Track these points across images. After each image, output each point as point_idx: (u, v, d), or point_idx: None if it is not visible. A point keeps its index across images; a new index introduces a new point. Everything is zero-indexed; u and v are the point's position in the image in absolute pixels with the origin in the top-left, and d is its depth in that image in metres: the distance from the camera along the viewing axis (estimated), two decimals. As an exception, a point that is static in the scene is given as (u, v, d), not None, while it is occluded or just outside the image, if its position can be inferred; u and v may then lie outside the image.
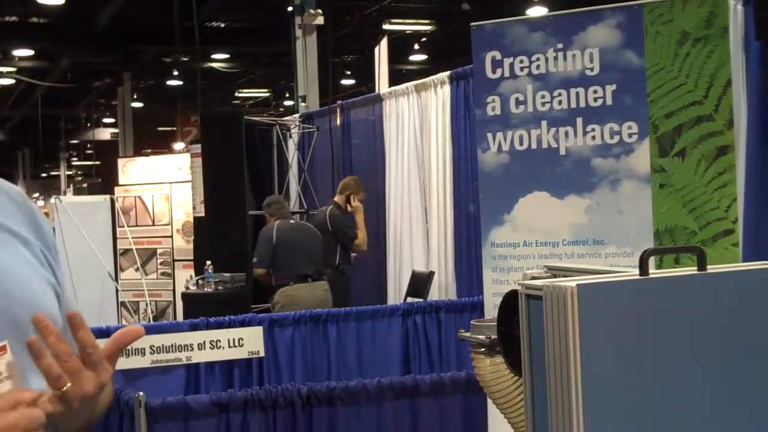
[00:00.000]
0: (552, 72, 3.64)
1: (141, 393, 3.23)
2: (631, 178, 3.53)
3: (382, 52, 9.09)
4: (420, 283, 6.93)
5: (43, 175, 35.14)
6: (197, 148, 8.75)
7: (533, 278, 1.70)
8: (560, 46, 3.62)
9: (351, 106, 8.70)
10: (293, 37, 10.49)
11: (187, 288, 8.09)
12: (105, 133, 24.88)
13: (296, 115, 9.67)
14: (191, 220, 9.39)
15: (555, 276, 1.69)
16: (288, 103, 21.15)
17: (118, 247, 10.09)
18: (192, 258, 9.13)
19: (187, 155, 9.62)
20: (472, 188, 6.45)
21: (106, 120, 24.49)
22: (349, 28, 14.99)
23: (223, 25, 15.65)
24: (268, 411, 3.36)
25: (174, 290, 9.93)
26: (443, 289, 6.87)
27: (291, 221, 7.61)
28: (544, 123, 3.65)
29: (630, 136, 3.53)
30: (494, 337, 1.79)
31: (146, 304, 10.07)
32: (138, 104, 21.59)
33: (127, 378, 4.74)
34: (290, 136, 9.25)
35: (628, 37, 3.52)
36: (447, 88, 6.91)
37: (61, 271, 1.37)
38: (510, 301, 1.62)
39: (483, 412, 3.54)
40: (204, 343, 5.03)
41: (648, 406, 1.27)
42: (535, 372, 1.34)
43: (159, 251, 10.25)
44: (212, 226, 8.17)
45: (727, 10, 3.64)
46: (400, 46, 15.14)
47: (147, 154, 12.19)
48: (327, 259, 7.29)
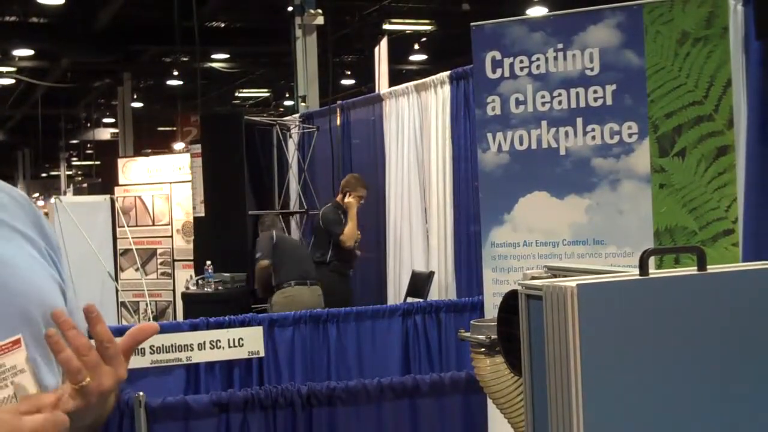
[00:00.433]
0: (552, 72, 3.64)
1: (141, 393, 3.22)
2: (631, 178, 3.53)
3: (382, 52, 9.09)
4: (420, 283, 6.93)
5: (43, 175, 35.14)
6: (197, 148, 8.76)
7: (533, 278, 1.70)
8: (560, 46, 3.62)
9: (351, 106, 8.70)
10: (293, 37, 10.49)
11: (187, 288, 8.09)
12: (105, 133, 24.88)
13: (296, 115, 9.67)
14: (191, 220, 9.40)
15: (555, 276, 1.69)
16: (288, 103, 21.15)
17: (118, 247, 10.09)
18: (192, 258, 9.13)
19: (187, 155, 9.62)
20: (472, 188, 6.45)
21: (106, 120, 24.49)
22: (349, 28, 14.99)
23: (223, 25, 15.65)
24: (268, 411, 3.36)
25: (174, 290, 9.93)
26: (443, 289, 6.87)
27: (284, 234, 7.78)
28: (544, 123, 3.65)
29: (630, 136, 3.53)
30: (494, 337, 1.79)
31: (146, 304, 10.07)
32: (138, 104, 21.59)
33: (127, 378, 4.73)
34: (290, 136, 9.25)
35: (628, 37, 3.52)
36: (447, 88, 6.91)
37: (66, 273, 1.37)
38: (510, 301, 1.62)
39: (483, 412, 3.54)
40: (204, 343, 5.02)
41: (648, 406, 1.27)
42: (535, 372, 1.34)
43: (159, 251, 10.25)
44: (212, 226, 8.17)
45: (727, 10, 3.64)
46: (400, 46, 15.14)
47: (147, 154, 12.19)
48: (319, 257, 7.38)
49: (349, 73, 18.83)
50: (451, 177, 6.89)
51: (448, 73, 6.93)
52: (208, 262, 7.76)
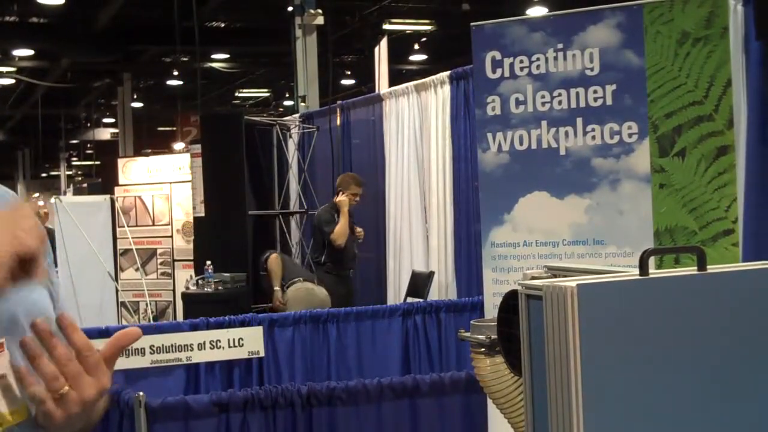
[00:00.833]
0: (552, 72, 3.64)
1: (141, 393, 3.22)
2: (631, 178, 3.53)
3: (382, 52, 9.09)
4: (420, 283, 6.93)
5: (43, 175, 35.12)
6: (197, 148, 8.75)
7: (533, 278, 1.70)
8: (560, 46, 3.62)
9: (351, 106, 8.69)
10: (293, 37, 10.49)
11: (187, 288, 8.09)
12: (105, 133, 24.88)
13: (296, 115, 9.67)
14: (191, 220, 9.39)
15: (555, 276, 1.69)
16: (288, 103, 21.15)
17: (118, 247, 10.08)
18: (192, 258, 9.13)
19: (187, 155, 9.62)
20: (472, 188, 6.45)
21: (106, 120, 24.49)
22: (349, 28, 14.99)
23: (223, 25, 15.64)
24: (268, 411, 3.36)
25: (174, 290, 9.92)
26: (443, 289, 6.87)
27: None
28: (544, 123, 3.65)
29: (630, 136, 3.53)
30: (494, 337, 1.79)
31: (146, 304, 10.06)
32: (138, 104, 21.59)
33: (127, 378, 4.74)
34: (290, 136, 9.24)
35: (628, 37, 3.52)
36: (447, 88, 6.91)
37: (57, 277, 1.35)
38: (510, 301, 1.62)
39: (483, 412, 3.54)
40: (204, 343, 5.02)
41: (648, 406, 1.27)
42: (535, 372, 1.34)
43: (159, 251, 10.25)
44: (212, 226, 8.17)
45: (727, 10, 3.64)
46: (400, 46, 15.14)
47: (147, 154, 12.19)
48: (316, 257, 7.47)
49: (349, 73, 18.83)
50: (451, 177, 6.89)
51: (448, 73, 6.93)
52: (208, 262, 7.76)
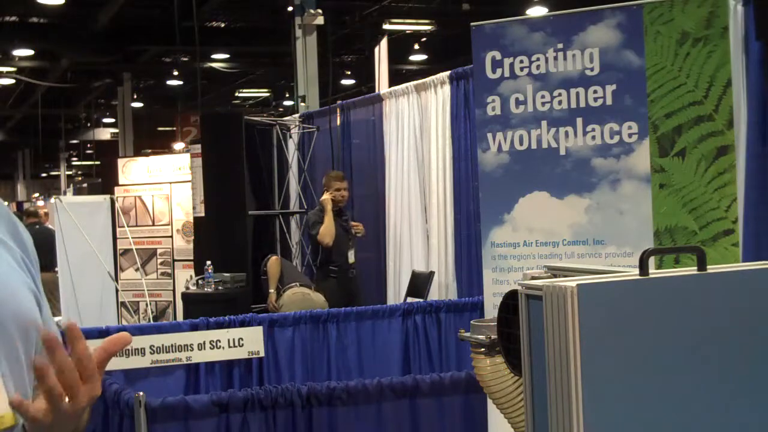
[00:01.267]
0: (552, 72, 3.64)
1: (141, 393, 3.22)
2: (631, 178, 3.53)
3: (382, 52, 9.09)
4: (420, 283, 6.93)
5: (43, 175, 35.13)
6: (197, 148, 8.75)
7: (533, 278, 1.70)
8: (560, 46, 3.62)
9: (351, 106, 8.69)
10: (293, 37, 10.49)
11: (187, 288, 8.09)
12: (105, 133, 24.88)
13: (296, 115, 9.67)
14: (191, 220, 9.39)
15: (555, 276, 1.69)
16: (288, 103, 21.15)
17: (118, 247, 10.08)
18: (192, 258, 9.13)
19: (187, 155, 9.62)
20: (472, 188, 6.45)
21: (106, 120, 24.49)
22: (349, 28, 14.99)
23: (223, 25, 15.64)
24: (268, 411, 3.36)
25: (174, 290, 9.92)
26: (443, 289, 6.87)
27: None
28: (544, 123, 3.65)
29: (630, 136, 3.53)
30: (494, 337, 1.79)
31: (146, 304, 10.07)
32: (138, 104, 21.59)
33: (127, 378, 4.74)
34: (290, 136, 9.24)
35: (628, 37, 3.52)
36: (447, 88, 6.91)
37: (39, 282, 1.35)
38: (510, 301, 1.62)
39: (483, 412, 3.54)
40: (204, 343, 5.02)
41: (648, 406, 1.27)
42: (535, 372, 1.34)
43: (159, 251, 10.25)
44: (212, 226, 8.17)
45: (727, 10, 3.64)
46: (400, 46, 15.13)
47: (147, 154, 12.19)
48: (314, 261, 7.44)
49: (349, 73, 18.83)
50: (451, 177, 6.89)
51: (448, 73, 6.93)
52: (208, 262, 7.76)
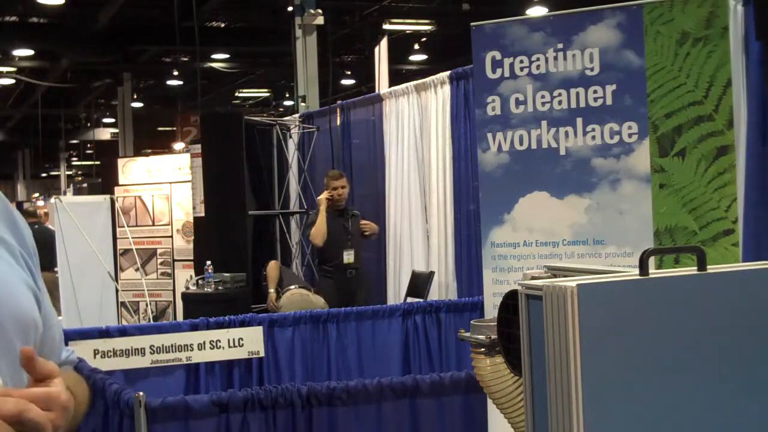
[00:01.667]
0: (552, 72, 3.64)
1: (141, 393, 3.22)
2: (631, 178, 3.53)
3: (382, 52, 9.09)
4: (420, 283, 6.93)
5: (43, 175, 35.12)
6: (197, 148, 8.75)
7: (533, 278, 1.70)
8: (560, 46, 3.62)
9: (351, 106, 8.69)
10: (293, 37, 10.49)
11: (187, 288, 8.09)
12: (105, 133, 24.88)
13: (296, 115, 9.67)
14: (191, 220, 9.40)
15: (555, 276, 1.69)
16: (288, 103, 21.14)
17: (118, 247, 10.08)
18: (192, 258, 9.13)
19: (187, 155, 9.62)
20: (472, 188, 6.45)
21: (106, 120, 24.48)
22: (349, 28, 14.99)
23: (223, 25, 15.64)
24: (268, 411, 3.36)
25: (174, 290, 9.93)
26: (443, 289, 6.87)
27: None
28: (544, 123, 3.65)
29: (630, 136, 3.53)
30: (494, 337, 1.79)
31: (146, 304, 10.07)
32: (138, 104, 21.58)
33: (127, 378, 4.74)
34: (290, 136, 9.25)
35: (628, 37, 3.52)
36: (447, 88, 6.91)
37: (39, 275, 1.33)
38: (510, 301, 1.62)
39: (483, 412, 3.54)
40: (204, 343, 5.03)
41: (648, 406, 1.27)
42: (535, 372, 1.34)
43: (159, 251, 10.25)
44: (212, 226, 8.17)
45: (727, 10, 3.64)
46: (400, 46, 15.13)
47: (147, 154, 12.19)
48: (316, 262, 7.46)
49: (349, 73, 18.83)
50: (451, 177, 6.89)
51: (448, 73, 6.93)
52: (208, 262, 7.76)
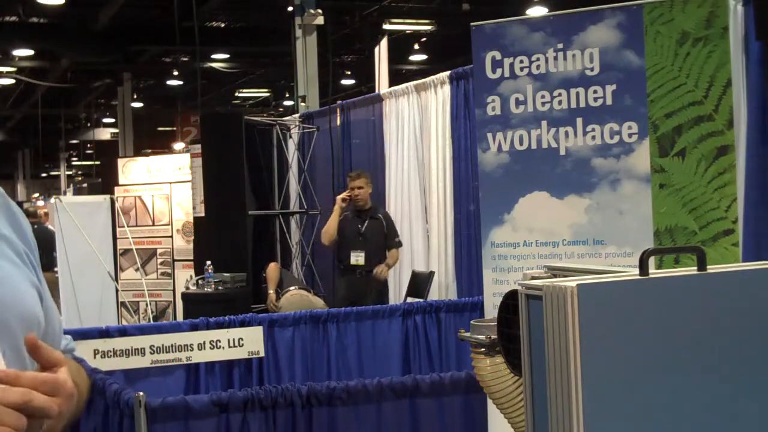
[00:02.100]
0: (552, 72, 3.64)
1: (141, 393, 3.22)
2: (631, 178, 3.53)
3: (382, 52, 9.10)
4: (420, 283, 6.93)
5: (43, 175, 35.11)
6: (197, 148, 8.76)
7: (533, 278, 1.70)
8: (560, 46, 3.62)
9: (351, 106, 8.70)
10: (293, 37, 10.50)
11: (187, 288, 8.09)
12: (105, 133, 24.88)
13: (296, 115, 9.67)
14: (191, 220, 9.40)
15: (555, 276, 1.69)
16: (288, 103, 21.14)
17: (118, 247, 10.08)
18: (192, 258, 9.13)
19: (187, 155, 9.62)
20: (472, 188, 6.45)
21: (106, 120, 24.48)
22: (349, 28, 14.99)
23: (223, 25, 15.64)
24: (268, 411, 3.36)
25: (174, 290, 9.93)
26: (443, 289, 6.87)
27: None
28: (544, 123, 3.65)
29: (630, 136, 3.52)
30: (494, 337, 1.79)
31: (146, 304, 10.07)
32: (138, 104, 21.58)
33: (127, 378, 4.74)
34: (290, 136, 9.25)
35: (628, 37, 3.51)
36: (447, 88, 6.91)
37: (39, 268, 1.33)
38: (510, 301, 1.62)
39: (483, 412, 3.54)
40: (204, 343, 5.03)
41: (648, 406, 1.27)
42: (535, 372, 1.34)
43: (159, 251, 10.25)
44: (212, 226, 8.17)
45: (727, 10, 3.64)
46: (400, 46, 15.13)
47: (147, 154, 12.19)
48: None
49: (349, 73, 18.83)
50: (451, 177, 6.89)
51: (448, 73, 6.94)
52: (208, 262, 7.76)
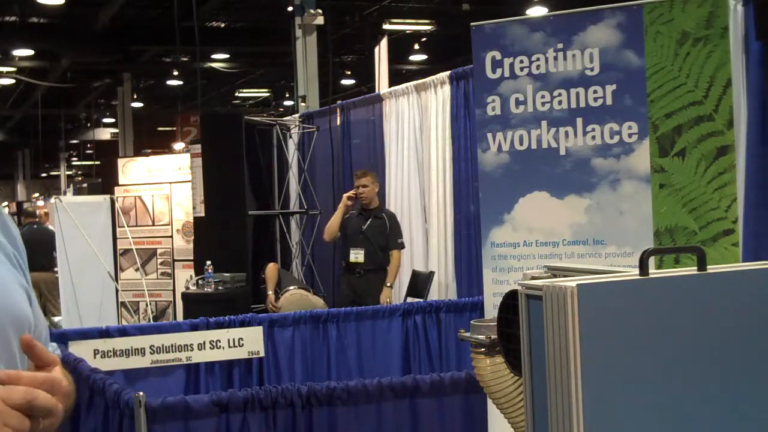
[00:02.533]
0: (552, 72, 3.64)
1: (141, 393, 3.22)
2: (631, 178, 3.53)
3: (382, 52, 9.09)
4: (420, 283, 6.93)
5: (43, 175, 35.11)
6: (197, 148, 8.76)
7: (533, 278, 1.70)
8: (560, 46, 3.62)
9: (351, 106, 8.70)
10: (293, 37, 10.50)
11: (187, 288, 8.09)
12: (105, 133, 24.88)
13: (296, 115, 9.67)
14: (191, 220, 9.39)
15: (555, 276, 1.69)
16: (288, 103, 21.14)
17: (118, 247, 10.08)
18: (192, 258, 9.13)
19: (187, 155, 9.62)
20: (472, 188, 6.45)
21: (106, 120, 24.48)
22: (349, 28, 14.99)
23: (223, 25, 15.64)
24: (268, 411, 3.36)
25: (174, 290, 9.92)
26: (443, 289, 6.87)
27: None
28: (544, 123, 3.65)
29: (630, 136, 3.53)
30: (494, 337, 1.79)
31: (146, 304, 10.06)
32: (138, 104, 21.58)
33: (127, 378, 4.74)
34: (290, 136, 9.25)
35: (628, 37, 3.52)
36: (447, 88, 6.91)
37: (27, 274, 1.35)
38: (510, 301, 1.62)
39: (483, 412, 3.54)
40: (204, 343, 5.02)
41: (648, 406, 1.27)
42: (535, 372, 1.34)
43: (159, 251, 10.24)
44: (212, 226, 8.17)
45: (727, 10, 3.64)
46: (400, 46, 15.13)
47: (147, 154, 12.19)
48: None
49: (349, 73, 18.83)
50: (451, 177, 6.89)
51: (448, 73, 6.93)
52: (208, 262, 7.76)
